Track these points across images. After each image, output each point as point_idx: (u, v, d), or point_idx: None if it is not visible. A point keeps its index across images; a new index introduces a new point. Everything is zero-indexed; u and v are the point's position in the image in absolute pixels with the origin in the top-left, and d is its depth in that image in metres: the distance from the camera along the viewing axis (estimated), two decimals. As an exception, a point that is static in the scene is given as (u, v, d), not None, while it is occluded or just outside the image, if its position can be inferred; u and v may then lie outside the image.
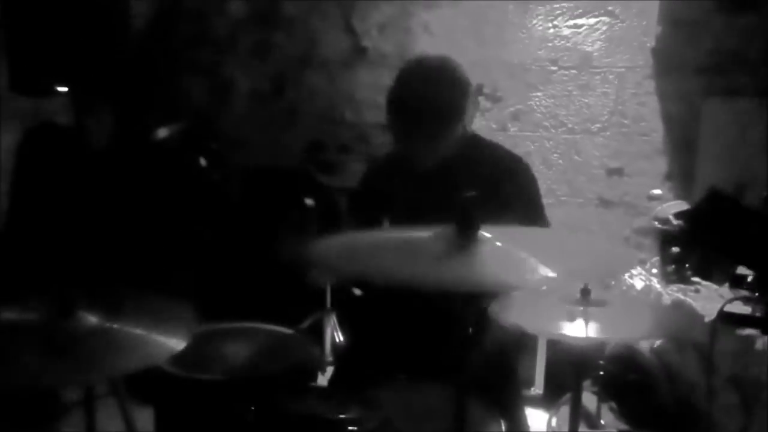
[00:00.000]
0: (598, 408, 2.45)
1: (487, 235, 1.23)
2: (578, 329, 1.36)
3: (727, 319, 1.86)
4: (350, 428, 1.38)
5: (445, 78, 1.99)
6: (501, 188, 2.00)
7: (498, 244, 1.23)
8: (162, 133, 3.33)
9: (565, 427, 2.57)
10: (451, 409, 1.25)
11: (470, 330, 1.24)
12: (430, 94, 1.94)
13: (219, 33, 3.83)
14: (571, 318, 1.37)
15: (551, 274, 1.21)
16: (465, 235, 1.20)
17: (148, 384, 1.88)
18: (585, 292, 1.44)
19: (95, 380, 1.62)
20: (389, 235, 1.41)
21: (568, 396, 2.75)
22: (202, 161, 3.43)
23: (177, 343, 1.45)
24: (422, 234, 1.27)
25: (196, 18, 3.82)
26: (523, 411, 1.92)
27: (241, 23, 3.80)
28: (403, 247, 1.29)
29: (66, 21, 2.42)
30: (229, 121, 3.84)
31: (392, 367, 1.79)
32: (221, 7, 3.81)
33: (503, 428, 1.59)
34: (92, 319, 1.52)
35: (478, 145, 2.15)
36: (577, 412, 1.53)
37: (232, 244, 3.49)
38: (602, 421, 2.44)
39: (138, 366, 1.49)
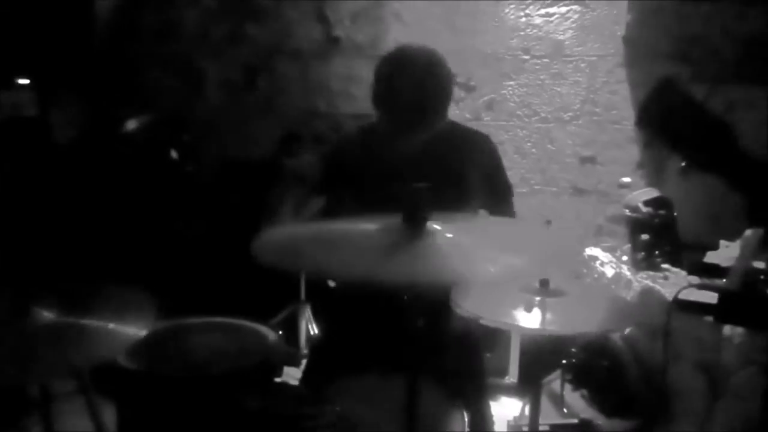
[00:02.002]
0: (561, 395, 2.46)
1: (436, 226, 1.22)
2: (534, 320, 1.36)
3: (681, 305, 1.87)
4: (305, 424, 1.37)
5: (433, 72, 1.99)
6: (469, 166, 2.02)
7: (448, 235, 1.22)
8: (131, 125, 3.29)
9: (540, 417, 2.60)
10: (404, 401, 1.24)
11: (420, 322, 1.23)
12: (420, 90, 1.94)
13: (189, 23, 3.78)
14: (528, 308, 1.37)
15: (492, 268, 1.20)
16: (413, 227, 1.19)
17: (110, 380, 1.86)
18: (543, 283, 1.44)
19: (51, 377, 1.60)
20: (334, 227, 1.39)
21: (542, 384, 2.78)
22: (174, 153, 3.39)
23: (135, 333, 1.44)
24: (369, 226, 1.26)
25: (166, 8, 3.77)
26: (487, 402, 1.91)
27: (212, 13, 3.75)
28: (348, 241, 1.27)
29: (27, 14, 2.38)
30: (201, 113, 3.80)
31: (363, 360, 1.79)
32: (192, -3, 3.77)
33: (466, 419, 1.58)
34: (48, 315, 1.51)
35: (449, 130, 2.14)
36: (538, 403, 1.53)
37: (205, 236, 3.46)
38: (565, 410, 2.45)
39: (96, 359, 1.47)
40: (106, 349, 1.47)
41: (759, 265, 1.59)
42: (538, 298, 1.42)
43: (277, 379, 1.95)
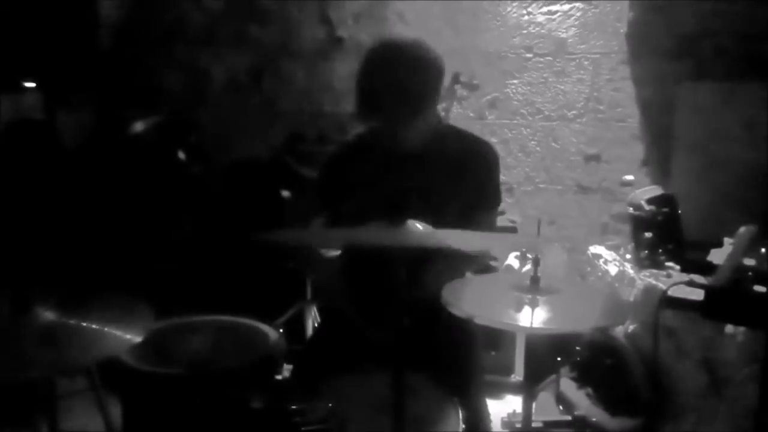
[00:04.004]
0: (558, 392, 2.46)
1: (418, 225, 1.23)
2: (525, 318, 1.37)
3: (669, 302, 1.87)
4: (296, 419, 1.39)
5: (415, 60, 1.89)
6: (463, 172, 1.99)
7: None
8: (138, 127, 3.32)
9: (542, 414, 2.60)
10: (393, 397, 1.26)
11: (406, 320, 1.24)
12: (400, 77, 1.85)
13: (194, 25, 3.82)
14: (519, 307, 1.37)
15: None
16: (395, 227, 1.20)
17: (115, 378, 1.89)
18: (534, 280, 1.45)
19: (52, 375, 1.63)
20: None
21: (546, 382, 2.78)
22: (181, 155, 3.42)
23: (131, 339, 1.46)
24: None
25: (171, 10, 3.81)
26: (483, 400, 1.92)
27: (217, 15, 3.78)
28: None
29: (32, 17, 2.42)
30: (207, 114, 3.84)
31: (354, 357, 1.79)
32: (197, 0, 3.79)
33: (461, 416, 1.59)
34: (49, 315, 1.54)
35: (449, 134, 2.10)
36: (531, 400, 1.54)
37: (213, 237, 3.49)
38: (560, 407, 2.45)
39: (92, 360, 1.50)
40: (103, 352, 1.50)
41: (749, 262, 1.58)
42: (529, 296, 1.43)
43: (279, 377, 1.97)
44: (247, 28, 3.77)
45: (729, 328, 2.36)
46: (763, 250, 1.62)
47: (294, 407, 1.41)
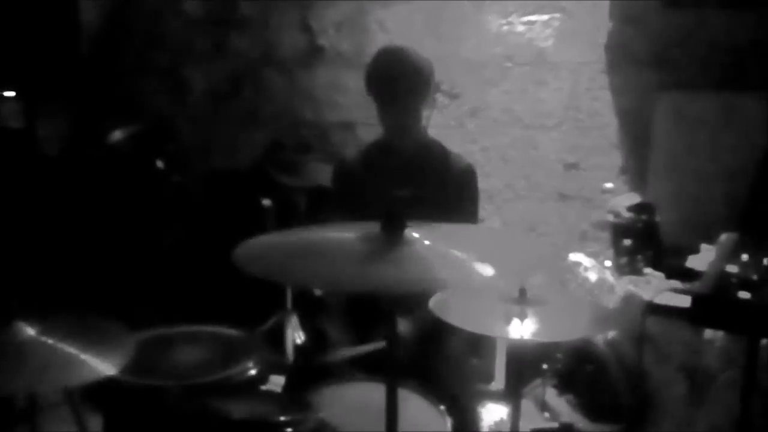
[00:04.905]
0: (543, 400, 2.48)
1: (415, 234, 1.24)
2: (515, 329, 1.37)
3: (654, 309, 1.90)
4: (287, 430, 1.38)
5: (417, 55, 2.37)
6: (445, 187, 2.15)
7: (426, 242, 1.23)
8: (116, 135, 3.29)
9: (525, 422, 2.61)
10: (387, 406, 1.25)
11: (400, 330, 1.24)
12: (408, 64, 2.30)
13: (175, 34, 3.79)
14: (507, 319, 1.38)
15: (487, 272, 1.22)
16: (392, 235, 1.21)
17: (97, 390, 1.86)
18: (522, 292, 1.46)
19: (31, 391, 1.60)
20: (314, 235, 1.41)
21: (530, 388, 2.80)
22: (160, 163, 3.40)
23: (108, 368, 1.43)
24: (348, 234, 1.28)
25: (151, 19, 3.78)
26: (474, 406, 1.93)
27: (197, 24, 3.77)
28: (328, 249, 1.29)
29: (12, 25, 2.39)
30: (186, 123, 3.81)
31: (345, 367, 1.80)
32: (176, 8, 3.77)
33: (448, 425, 1.60)
34: (29, 330, 1.51)
35: (435, 148, 2.38)
36: (518, 408, 1.54)
37: (191, 245, 3.46)
38: (546, 414, 2.47)
39: (67, 383, 1.47)
40: (76, 378, 1.47)
41: (732, 269, 1.61)
42: (517, 307, 1.44)
43: (263, 388, 1.95)
44: (227, 36, 3.75)
45: (708, 334, 2.40)
46: (745, 256, 1.65)
47: (285, 418, 1.40)
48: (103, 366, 1.41)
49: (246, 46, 3.74)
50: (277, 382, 2.68)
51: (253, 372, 1.81)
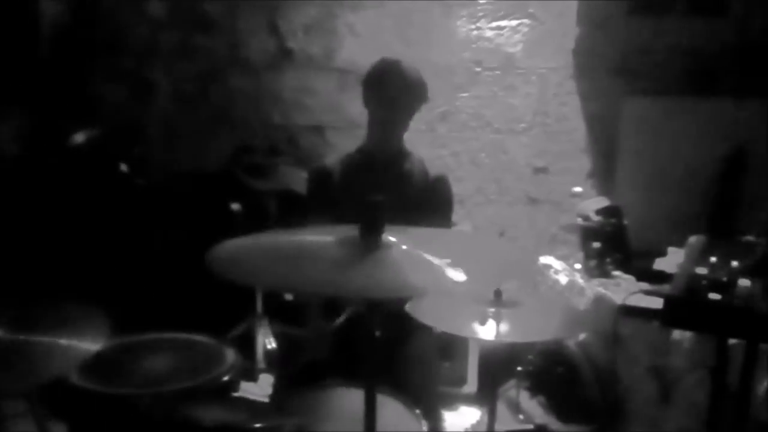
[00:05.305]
0: (517, 402, 2.49)
1: (392, 239, 1.23)
2: (489, 330, 1.37)
3: (627, 311, 1.93)
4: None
5: (417, 70, 2.39)
6: (423, 199, 2.22)
7: (403, 247, 1.22)
8: (78, 138, 3.21)
9: (498, 424, 2.62)
10: (364, 411, 1.24)
11: (377, 333, 1.23)
12: (406, 73, 2.34)
13: (138, 34, 3.73)
14: (483, 320, 1.38)
15: (460, 277, 1.21)
16: (369, 239, 1.19)
17: (61, 399, 1.81)
18: (498, 294, 1.46)
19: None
20: (290, 238, 1.39)
21: (503, 390, 2.81)
22: (123, 167, 3.33)
23: (88, 348, 1.40)
24: (325, 238, 1.26)
25: (114, 19, 3.71)
26: (440, 411, 1.93)
27: (162, 24, 3.71)
28: (303, 253, 1.27)
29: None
30: (153, 125, 3.75)
31: (327, 372, 1.79)
32: (140, 8, 3.71)
33: (424, 428, 1.58)
34: (-1, 332, 1.46)
35: (412, 156, 2.42)
36: (494, 410, 1.54)
37: (159, 250, 3.40)
38: (521, 416, 2.48)
39: (47, 376, 1.43)
40: (57, 367, 1.43)
41: (701, 270, 1.64)
42: (492, 309, 1.44)
43: (235, 394, 1.92)
44: (193, 37, 3.70)
45: (676, 335, 2.43)
46: (713, 258, 1.68)
47: (261, 425, 1.38)
48: (83, 346, 1.37)
49: (213, 48, 3.69)
50: (248, 389, 2.65)
51: (224, 379, 1.78)
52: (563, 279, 2.82)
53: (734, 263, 1.71)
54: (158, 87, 3.76)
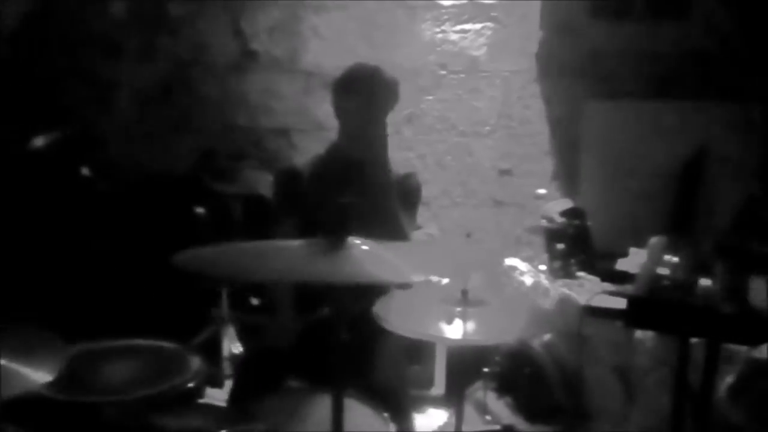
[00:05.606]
0: (484, 403, 2.51)
1: (356, 240, 1.23)
2: (457, 331, 1.38)
3: (591, 311, 1.96)
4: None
5: (389, 73, 2.41)
6: (390, 199, 2.22)
7: (364, 247, 1.22)
8: (38, 142, 3.14)
9: (465, 425, 2.63)
10: (332, 415, 1.23)
11: (344, 336, 1.23)
12: (378, 74, 2.36)
13: (100, 36, 3.66)
14: (450, 319, 1.38)
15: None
16: (336, 240, 1.19)
17: (25, 409, 1.76)
18: (464, 293, 1.46)
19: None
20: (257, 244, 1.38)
21: (471, 391, 2.82)
22: (86, 171, 3.26)
23: (43, 376, 1.36)
24: (292, 243, 1.26)
25: (74, 20, 3.64)
26: (412, 414, 1.93)
27: (123, 25, 3.64)
28: (270, 250, 1.26)
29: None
30: (115, 128, 3.68)
31: (288, 376, 1.78)
32: (101, 9, 3.64)
33: (391, 430, 1.58)
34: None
35: (380, 156, 2.39)
36: (461, 412, 1.55)
37: (122, 255, 3.34)
38: (488, 417, 2.49)
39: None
40: (8, 391, 1.39)
41: (663, 271, 1.68)
42: (459, 309, 1.45)
43: (201, 401, 1.89)
44: (155, 39, 3.65)
45: (639, 334, 2.47)
46: (674, 259, 1.71)
47: (227, 431, 1.36)
48: (37, 375, 1.34)
49: (175, 50, 3.64)
50: (214, 395, 2.62)
51: (189, 385, 1.75)
52: (528, 280, 2.85)
53: (694, 263, 1.74)
54: (121, 89, 3.69)
